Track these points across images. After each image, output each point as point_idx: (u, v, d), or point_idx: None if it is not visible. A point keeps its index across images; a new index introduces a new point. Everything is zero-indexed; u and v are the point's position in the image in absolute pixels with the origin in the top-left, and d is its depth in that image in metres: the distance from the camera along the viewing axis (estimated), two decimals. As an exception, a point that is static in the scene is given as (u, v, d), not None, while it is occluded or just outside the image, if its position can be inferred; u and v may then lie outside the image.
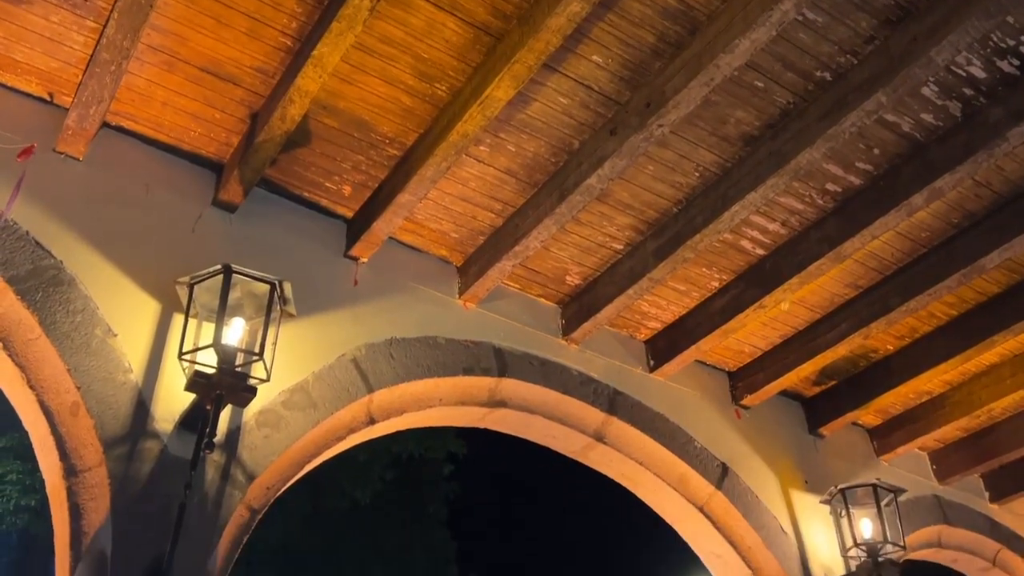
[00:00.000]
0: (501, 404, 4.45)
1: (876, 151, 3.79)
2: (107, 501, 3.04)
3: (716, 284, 4.58)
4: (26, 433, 3.42)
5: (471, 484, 14.51)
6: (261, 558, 11.88)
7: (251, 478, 3.38)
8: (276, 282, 3.37)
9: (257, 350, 3.25)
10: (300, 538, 12.22)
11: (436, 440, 13.07)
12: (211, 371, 3.17)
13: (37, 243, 3.29)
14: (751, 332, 4.90)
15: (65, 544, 3.05)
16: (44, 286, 3.23)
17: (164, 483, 3.14)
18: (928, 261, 4.29)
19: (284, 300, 3.44)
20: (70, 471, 3.13)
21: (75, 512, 3.07)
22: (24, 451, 9.02)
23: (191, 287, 3.34)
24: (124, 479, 3.09)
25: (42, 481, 9.41)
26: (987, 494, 5.85)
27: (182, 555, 3.02)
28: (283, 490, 3.66)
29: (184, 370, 3.27)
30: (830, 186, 3.98)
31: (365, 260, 4.13)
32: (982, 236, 4.09)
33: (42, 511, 9.35)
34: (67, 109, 3.48)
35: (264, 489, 3.49)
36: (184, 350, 3.24)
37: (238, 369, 3.22)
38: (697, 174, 3.92)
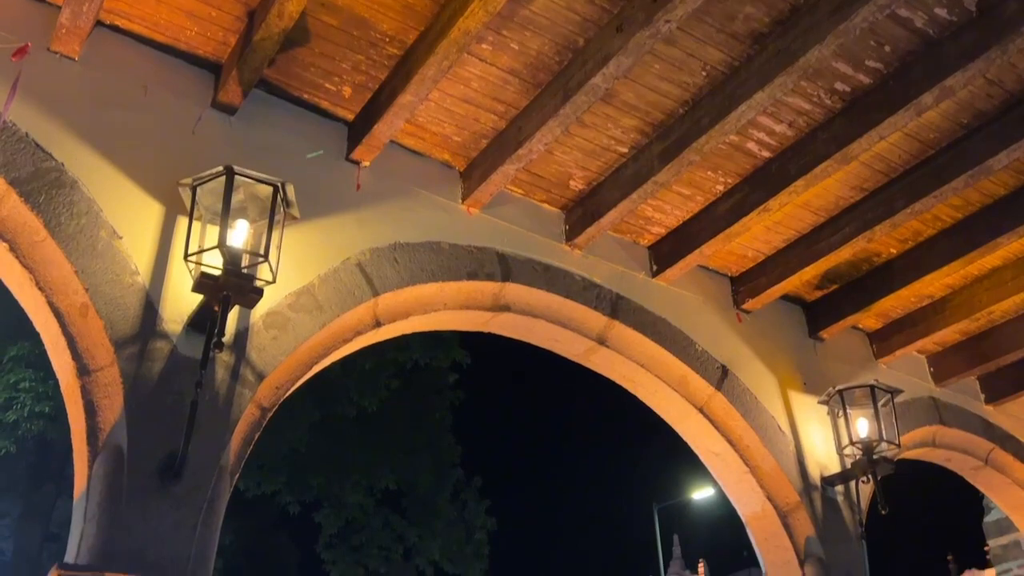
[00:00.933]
0: (505, 308, 4.50)
1: (887, 48, 3.71)
2: (120, 399, 3.11)
3: (721, 188, 4.55)
4: (36, 342, 3.48)
5: (475, 392, 14.81)
6: (272, 463, 12.22)
7: (260, 377, 3.45)
8: (279, 184, 3.36)
9: (262, 252, 3.26)
10: (309, 444, 12.52)
11: (440, 350, 13.25)
12: (217, 272, 3.19)
13: (37, 145, 3.26)
14: (755, 236, 4.90)
15: (82, 440, 3.13)
16: (47, 188, 3.22)
17: (175, 381, 3.20)
18: (936, 163, 4.25)
19: (287, 203, 3.43)
20: (83, 370, 3.19)
21: (90, 409, 3.14)
22: (35, 360, 9.16)
23: (194, 189, 3.33)
24: (136, 378, 3.15)
25: (55, 388, 9.60)
26: (983, 396, 5.96)
27: (196, 450, 3.11)
28: (292, 390, 3.73)
29: (190, 272, 3.29)
30: (839, 85, 3.91)
31: (367, 164, 4.10)
32: (991, 137, 4.04)
33: (56, 417, 9.56)
34: (59, 7, 3.40)
35: (274, 389, 3.57)
36: (189, 251, 3.25)
37: (244, 270, 3.24)
38: (704, 73, 3.84)
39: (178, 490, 3.06)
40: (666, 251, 4.86)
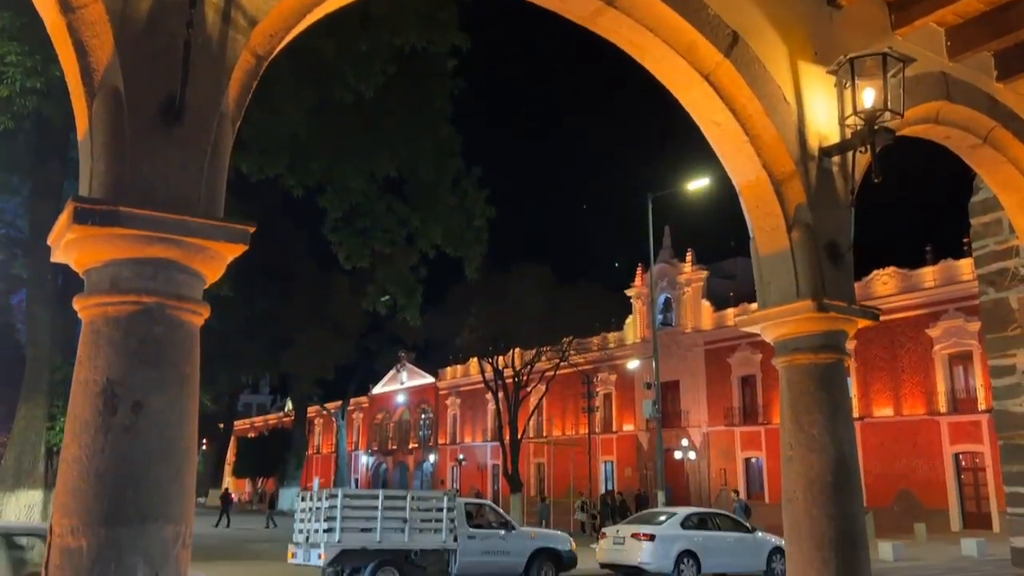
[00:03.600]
0: (508, -38, 4.21)
1: None
2: (110, 39, 3.02)
3: None
4: (16, 11, 3.28)
5: (474, 81, 14.46)
6: (273, 148, 12.28)
7: (253, 23, 3.32)
8: None
9: None
10: (309, 130, 12.48)
11: (437, 32, 12.71)
12: (195, -102, 2.93)
13: None
14: None
15: (77, 80, 3.07)
16: None
17: (165, 22, 3.08)
18: None
19: None
20: (66, 7, 3.04)
21: (80, 49, 3.05)
22: (17, 32, 8.76)
23: None
24: (123, 18, 3.03)
25: (44, 63, 9.27)
26: (995, 72, 5.81)
27: (194, 94, 3.08)
28: (287, 40, 3.59)
29: (166, -103, 3.02)
30: None
31: None
32: None
33: (49, 92, 9.39)
34: None
35: (268, 36, 3.44)
36: None
37: None
38: None
39: (181, 132, 3.07)
40: (685, -101, 4.45)
